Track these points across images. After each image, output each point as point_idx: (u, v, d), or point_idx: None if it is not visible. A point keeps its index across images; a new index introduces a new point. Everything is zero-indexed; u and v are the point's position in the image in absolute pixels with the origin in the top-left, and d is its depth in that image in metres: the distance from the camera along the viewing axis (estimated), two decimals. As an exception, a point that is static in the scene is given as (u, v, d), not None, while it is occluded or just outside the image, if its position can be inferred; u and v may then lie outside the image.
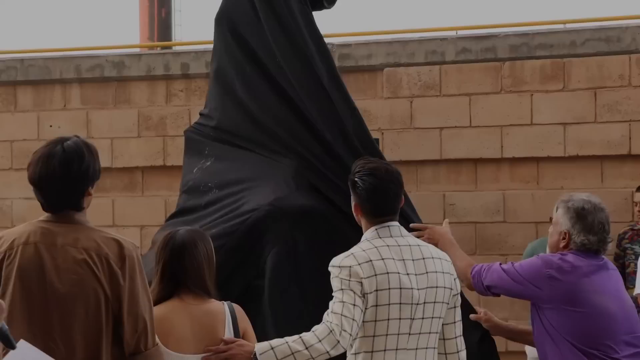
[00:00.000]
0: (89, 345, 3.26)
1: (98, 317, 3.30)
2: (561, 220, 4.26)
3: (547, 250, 4.41)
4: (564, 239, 4.23)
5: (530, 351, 7.05)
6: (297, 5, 5.13)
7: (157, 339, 3.42)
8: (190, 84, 8.40)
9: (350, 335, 3.48)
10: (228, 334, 3.67)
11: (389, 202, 3.70)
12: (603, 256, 4.25)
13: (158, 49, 11.44)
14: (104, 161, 8.28)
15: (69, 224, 3.39)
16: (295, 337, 3.52)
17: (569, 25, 8.00)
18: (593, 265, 4.15)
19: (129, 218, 8.39)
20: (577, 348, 4.05)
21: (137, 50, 9.95)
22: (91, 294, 3.29)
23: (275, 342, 3.54)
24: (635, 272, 6.83)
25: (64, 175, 3.36)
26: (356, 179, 3.72)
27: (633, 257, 7.00)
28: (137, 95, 8.53)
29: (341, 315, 3.48)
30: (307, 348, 3.48)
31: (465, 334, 4.11)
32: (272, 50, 5.18)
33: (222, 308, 3.72)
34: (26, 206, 8.32)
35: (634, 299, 6.88)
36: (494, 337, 4.72)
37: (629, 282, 7.02)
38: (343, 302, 3.50)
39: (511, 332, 4.67)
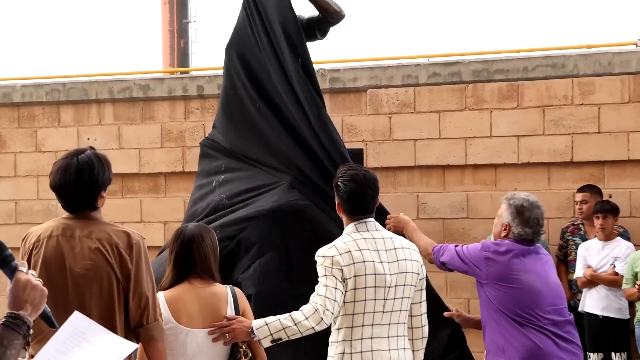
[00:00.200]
0: (104, 318, 3.28)
1: (111, 295, 3.36)
2: (504, 214, 4.35)
3: (492, 238, 4.50)
4: (505, 229, 4.32)
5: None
6: (293, 57, 5.10)
7: (158, 314, 3.46)
8: (204, 103, 8.39)
9: (332, 313, 3.53)
10: (230, 311, 3.69)
11: (365, 203, 3.73)
12: (534, 244, 4.33)
13: (178, 73, 11.42)
14: (133, 168, 8.43)
15: (85, 220, 3.45)
16: (286, 315, 3.57)
17: (521, 54, 7.96)
18: (524, 250, 4.24)
19: (154, 216, 8.38)
20: (509, 317, 4.13)
21: (160, 75, 9.95)
22: (104, 276, 3.36)
23: (269, 319, 3.59)
24: (575, 260, 6.87)
25: (77, 183, 3.42)
26: (339, 183, 3.76)
27: (574, 247, 7.02)
28: (160, 113, 8.52)
29: (324, 297, 3.53)
30: (295, 324, 3.54)
31: (439, 328, 4.18)
32: (276, 86, 5.18)
33: (225, 290, 3.75)
34: (68, 205, 8.34)
35: (575, 281, 6.93)
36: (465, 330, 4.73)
37: (570, 268, 7.06)
38: (326, 285, 3.55)
39: (478, 322, 4.71)
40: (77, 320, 2.81)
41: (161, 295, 3.69)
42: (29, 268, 3.33)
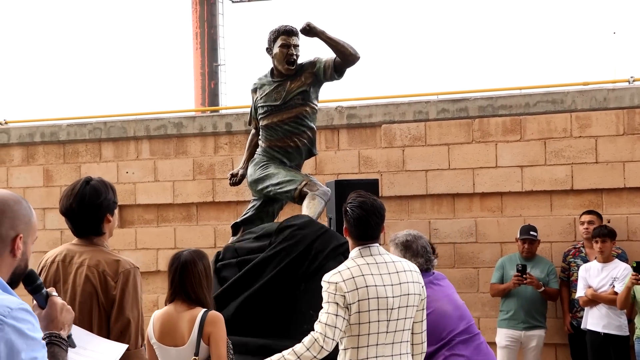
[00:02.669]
0: None
1: (91, 318, 3.33)
2: (394, 254, 4.28)
3: None
4: None
5: (499, 340, 7.00)
6: None
7: (139, 343, 3.39)
8: (232, 138, 8.43)
9: (333, 339, 3.47)
10: (193, 335, 3.73)
11: (369, 230, 3.65)
12: (433, 272, 4.30)
13: (208, 112, 11.47)
14: (168, 198, 8.46)
15: (86, 246, 3.44)
16: (289, 350, 3.53)
17: (523, 91, 7.95)
18: (428, 280, 4.16)
19: (187, 242, 8.37)
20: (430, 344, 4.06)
21: (192, 113, 9.99)
22: (87, 301, 3.34)
23: (275, 357, 3.55)
24: (577, 280, 6.80)
25: (81, 206, 3.42)
26: (347, 209, 3.70)
27: (576, 268, 6.96)
28: (192, 148, 8.57)
29: (325, 324, 3.48)
30: (298, 357, 3.49)
31: None
32: None
33: (197, 315, 3.76)
34: (108, 234, 8.37)
35: (577, 300, 6.85)
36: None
37: (572, 288, 6.98)
38: (328, 313, 3.50)
39: None
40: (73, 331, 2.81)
41: (154, 314, 3.89)
42: None
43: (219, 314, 3.81)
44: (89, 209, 3.41)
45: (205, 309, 3.78)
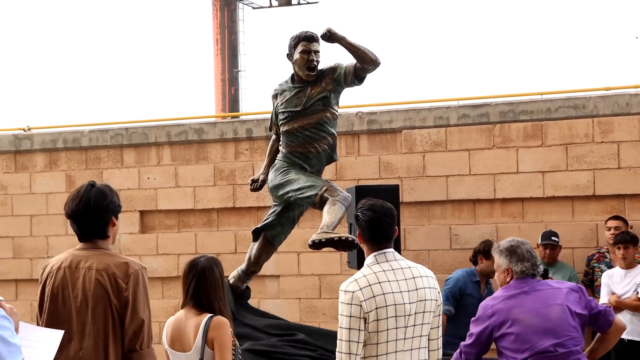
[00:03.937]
0: (99, 343, 3.32)
1: (106, 322, 3.36)
2: (500, 261, 4.22)
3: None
4: (508, 274, 4.18)
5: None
6: None
7: (150, 343, 3.44)
8: (253, 144, 8.46)
9: (357, 355, 3.47)
10: (198, 340, 3.78)
11: (382, 230, 3.65)
12: (537, 279, 4.20)
13: (229, 118, 11.51)
14: (189, 204, 8.51)
15: (92, 250, 3.47)
16: None
17: (545, 96, 7.92)
18: (521, 290, 4.11)
19: (207, 248, 8.40)
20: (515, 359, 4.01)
21: (213, 119, 10.02)
22: (100, 304, 3.37)
23: None
24: (601, 285, 6.75)
25: (87, 208, 3.44)
26: (358, 214, 3.70)
27: (599, 273, 6.91)
28: (213, 154, 8.60)
29: (342, 341, 3.49)
30: None
31: None
32: None
33: (203, 320, 3.80)
34: (130, 239, 8.43)
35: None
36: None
37: (596, 293, 6.93)
38: (342, 328, 3.50)
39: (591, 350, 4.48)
40: (22, 328, 2.79)
41: (168, 320, 3.96)
42: (42, 297, 3.46)
43: (224, 319, 3.82)
44: (95, 211, 3.45)
45: (210, 315, 3.79)
